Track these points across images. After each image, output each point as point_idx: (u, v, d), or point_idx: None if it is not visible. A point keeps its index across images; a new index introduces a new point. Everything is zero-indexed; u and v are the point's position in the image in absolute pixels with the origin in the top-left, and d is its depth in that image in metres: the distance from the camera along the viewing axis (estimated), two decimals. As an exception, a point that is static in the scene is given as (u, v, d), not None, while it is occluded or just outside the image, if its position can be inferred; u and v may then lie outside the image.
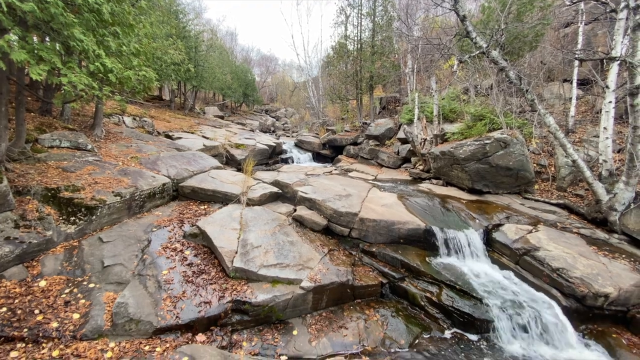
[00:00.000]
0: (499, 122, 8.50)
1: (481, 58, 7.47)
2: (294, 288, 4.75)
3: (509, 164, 7.46)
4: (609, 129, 6.19)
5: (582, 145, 7.83)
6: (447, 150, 8.51)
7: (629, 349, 4.41)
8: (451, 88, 12.88)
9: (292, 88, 43.51)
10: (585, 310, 4.81)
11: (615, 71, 6.11)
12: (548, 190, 7.68)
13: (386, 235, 6.19)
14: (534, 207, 7.17)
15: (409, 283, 5.41)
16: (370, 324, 4.77)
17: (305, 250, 5.50)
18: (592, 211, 6.52)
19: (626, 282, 4.83)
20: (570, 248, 5.52)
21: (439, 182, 9.36)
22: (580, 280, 4.84)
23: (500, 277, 5.50)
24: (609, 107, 6.15)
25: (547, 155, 8.28)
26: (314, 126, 19.55)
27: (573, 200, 7.15)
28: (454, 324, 4.84)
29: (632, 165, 5.73)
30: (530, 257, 5.49)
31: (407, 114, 12.56)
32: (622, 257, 5.46)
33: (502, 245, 5.98)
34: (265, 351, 4.22)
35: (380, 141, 13.78)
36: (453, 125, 10.33)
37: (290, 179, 8.21)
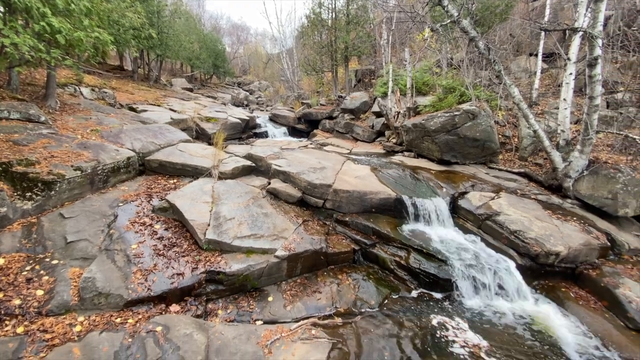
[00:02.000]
0: (468, 95, 8.70)
1: (453, 28, 7.48)
2: (268, 257, 4.82)
3: (476, 135, 7.74)
4: (568, 100, 6.54)
5: (544, 116, 8.24)
6: (418, 122, 8.66)
7: (576, 301, 4.92)
8: (424, 61, 12.91)
9: (265, 60, 41.77)
10: (538, 267, 5.28)
11: (577, 43, 6.37)
12: (511, 160, 8.11)
13: (359, 205, 6.34)
14: (498, 176, 7.58)
15: (380, 249, 5.65)
16: (343, 287, 4.98)
17: (280, 221, 5.54)
18: (549, 178, 6.99)
19: (575, 242, 5.31)
20: (528, 212, 5.95)
21: (411, 155, 9.59)
22: (534, 240, 5.26)
23: (464, 241, 5.86)
24: (570, 79, 6.46)
25: (511, 126, 8.66)
26: (288, 100, 19.08)
27: (533, 169, 7.61)
28: (420, 284, 5.16)
29: (586, 134, 6.13)
30: (492, 222, 5.87)
31: (381, 86, 12.52)
32: (574, 219, 5.96)
33: (466, 212, 6.32)
34: (240, 318, 4.32)
35: (355, 115, 13.75)
36: (425, 98, 10.46)
37: (264, 152, 8.08)
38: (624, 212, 5.96)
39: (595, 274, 5.10)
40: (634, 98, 7.99)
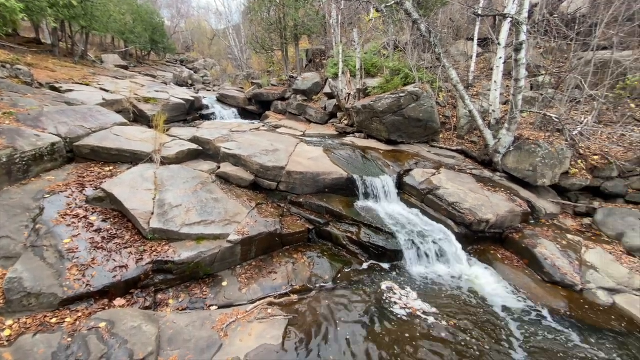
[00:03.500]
0: (413, 77, 9.10)
1: (398, 10, 7.66)
2: (221, 243, 4.72)
3: (419, 115, 8.19)
4: (498, 82, 7.19)
5: (478, 97, 8.98)
6: (367, 104, 8.89)
7: (502, 261, 5.62)
8: (373, 42, 13.12)
9: (210, 36, 39.00)
10: (472, 234, 5.91)
11: (507, 29, 6.95)
12: (450, 139, 8.77)
13: (312, 186, 6.44)
14: (438, 154, 8.18)
15: (333, 227, 5.85)
16: (298, 266, 5.11)
17: (232, 206, 5.42)
18: (482, 154, 7.73)
19: (502, 210, 6.00)
20: (463, 186, 6.55)
21: (362, 135, 9.87)
22: (469, 210, 5.85)
23: (409, 214, 6.31)
24: (499, 63, 7.08)
25: (451, 107, 9.31)
26: (237, 79, 18.20)
27: (469, 146, 8.33)
28: (370, 256, 5.48)
29: (513, 113, 6.83)
30: (433, 196, 6.37)
31: (332, 67, 12.51)
32: (501, 190, 6.71)
33: (411, 187, 6.77)
34: (194, 305, 4.23)
35: (307, 96, 13.63)
36: (374, 80, 10.72)
37: (212, 135, 7.70)
38: (542, 182, 6.84)
39: (518, 236, 5.86)
40: (553, 81, 9.05)
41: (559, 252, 5.38)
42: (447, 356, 3.65)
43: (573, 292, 4.84)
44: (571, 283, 4.90)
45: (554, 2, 10.49)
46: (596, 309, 4.56)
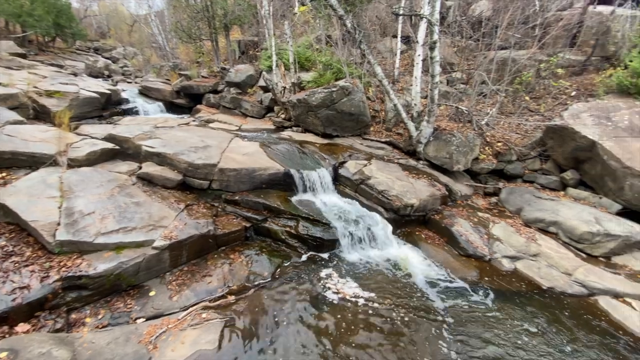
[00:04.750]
0: (344, 72, 9.39)
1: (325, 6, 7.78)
2: (145, 250, 4.36)
3: (351, 109, 8.53)
4: (418, 78, 7.81)
5: (402, 92, 9.67)
6: (302, 98, 8.94)
7: (426, 240, 6.21)
8: (305, 36, 13.16)
9: (130, 22, 35.01)
10: (400, 218, 6.40)
11: (424, 28, 7.56)
12: (380, 131, 9.32)
13: (249, 182, 6.30)
14: (370, 146, 8.64)
15: (271, 222, 5.82)
16: (235, 266, 4.99)
17: (157, 209, 5.03)
18: (407, 145, 8.38)
19: (424, 194, 6.60)
20: (391, 174, 7.04)
21: (299, 129, 9.91)
22: (396, 197, 6.32)
23: (344, 204, 6.58)
24: (419, 60, 7.70)
25: (379, 102, 9.86)
26: (163, 70, 16.69)
27: (396, 138, 8.96)
28: (309, 248, 5.60)
29: (431, 107, 7.50)
30: (365, 185, 6.73)
31: (266, 60, 12.26)
32: (424, 176, 7.36)
33: (345, 179, 7.05)
34: (116, 320, 3.87)
35: (242, 89, 13.16)
36: (308, 74, 10.80)
37: (131, 132, 6.99)
38: (457, 167, 7.67)
39: (439, 217, 6.53)
40: (464, 76, 10.16)
41: (471, 229, 6.14)
42: (381, 332, 3.95)
43: (483, 262, 5.59)
44: (481, 254, 5.65)
45: (464, 5, 11.71)
46: (502, 275, 5.33)
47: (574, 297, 4.74)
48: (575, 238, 5.65)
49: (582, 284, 4.86)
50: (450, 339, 3.96)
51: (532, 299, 4.75)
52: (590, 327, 4.24)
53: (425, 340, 3.92)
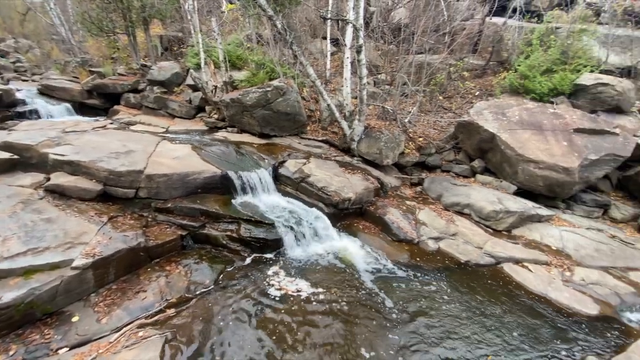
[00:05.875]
0: (277, 72, 9.42)
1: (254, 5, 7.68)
2: (62, 271, 3.85)
3: (287, 109, 8.61)
4: (348, 79, 8.25)
5: (335, 92, 10.10)
6: (236, 97, 8.72)
7: (363, 230, 6.63)
8: (235, 34, 12.80)
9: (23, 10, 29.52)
10: (339, 212, 6.72)
11: (350, 32, 8.00)
12: (317, 130, 9.60)
13: (182, 188, 5.95)
14: (308, 145, 8.85)
15: (210, 228, 5.60)
16: (173, 277, 4.70)
17: (73, 225, 4.45)
18: (342, 143, 8.81)
19: (359, 188, 7.02)
20: (329, 171, 7.34)
21: (234, 130, 9.64)
22: (334, 192, 6.62)
23: (286, 203, 6.66)
24: (347, 62, 8.13)
25: (314, 101, 10.14)
26: (68, 67, 14.49)
27: (331, 136, 9.33)
28: (253, 250, 5.55)
29: (361, 106, 8.00)
30: (305, 183, 6.90)
31: (193, 57, 11.57)
32: (359, 172, 7.82)
33: (286, 178, 7.13)
34: (33, 354, 3.37)
35: (167, 88, 12.22)
36: (241, 73, 10.53)
37: (32, 138, 6.00)
38: (387, 162, 8.34)
39: (373, 208, 7.02)
40: (389, 78, 11.03)
41: (401, 216, 6.76)
42: (325, 320, 4.14)
43: (412, 244, 6.21)
44: (411, 238, 6.26)
45: (386, 12, 12.68)
46: (428, 254, 5.98)
47: (485, 266, 5.60)
48: (483, 217, 6.65)
49: (490, 254, 5.76)
50: (389, 315, 4.35)
51: (454, 272, 5.47)
52: (498, 289, 5.07)
53: (366, 320, 4.24)
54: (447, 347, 3.96)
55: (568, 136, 7.06)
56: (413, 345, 3.93)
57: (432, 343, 3.99)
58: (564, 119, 7.38)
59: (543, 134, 7.18)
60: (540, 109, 7.79)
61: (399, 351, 3.84)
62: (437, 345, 3.97)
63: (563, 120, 7.35)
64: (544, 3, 10.94)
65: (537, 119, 7.52)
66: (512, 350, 3.99)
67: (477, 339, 4.11)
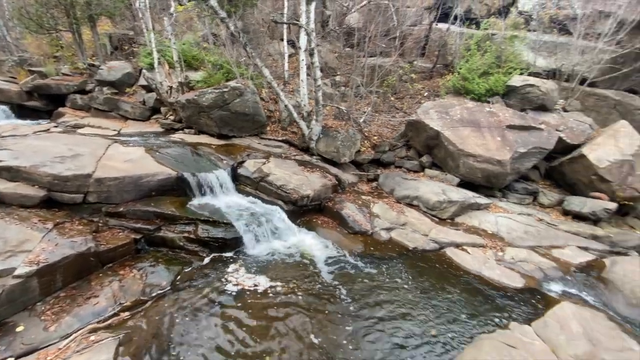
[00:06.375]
0: (235, 72, 9.45)
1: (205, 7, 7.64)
2: (4, 281, 3.69)
3: (245, 110, 8.68)
4: (304, 80, 8.51)
5: (293, 93, 10.32)
6: (192, 98, 8.63)
7: (322, 225, 6.92)
8: (190, 34, 12.56)
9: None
10: (298, 209, 6.95)
11: (304, 35, 8.26)
12: (276, 131, 9.76)
13: (135, 191, 5.85)
14: (268, 145, 8.99)
15: (166, 230, 5.57)
16: (127, 281, 4.65)
17: (14, 233, 4.25)
18: (301, 142, 9.06)
19: (318, 185, 7.29)
20: (289, 170, 7.54)
21: (192, 131, 9.50)
22: (293, 190, 6.84)
23: (246, 203, 6.76)
24: (303, 64, 8.38)
25: (273, 102, 10.28)
26: (4, 66, 13.29)
27: (291, 136, 9.55)
28: (212, 250, 5.60)
29: (318, 107, 8.30)
30: (264, 182, 7.05)
31: (146, 57, 11.22)
32: (317, 170, 8.10)
33: (245, 178, 7.22)
34: (-30, 370, 3.21)
35: (118, 89, 11.68)
36: (197, 73, 10.41)
37: (-38, 144, 5.57)
38: (344, 159, 8.72)
39: (331, 204, 7.34)
40: (344, 80, 11.47)
41: (357, 210, 7.15)
42: (284, 311, 4.36)
43: (367, 236, 6.61)
44: (365, 230, 6.66)
45: (341, 16, 13.14)
46: (381, 244, 6.41)
47: (430, 251, 6.14)
48: (430, 207, 7.24)
49: (435, 241, 6.32)
50: (342, 302, 4.67)
51: (403, 258, 5.94)
52: (441, 271, 5.61)
53: (320, 308, 4.51)
54: (395, 327, 4.33)
55: (501, 132, 7.89)
56: (364, 329, 4.25)
57: (382, 325, 4.34)
58: (498, 116, 8.23)
59: (480, 131, 7.96)
60: (479, 108, 8.61)
61: (349, 335, 4.11)
62: (386, 326, 4.33)
63: (497, 118, 8.19)
64: (481, 11, 12.01)
65: (475, 117, 8.30)
66: (453, 322, 4.48)
67: (423, 317, 4.55)
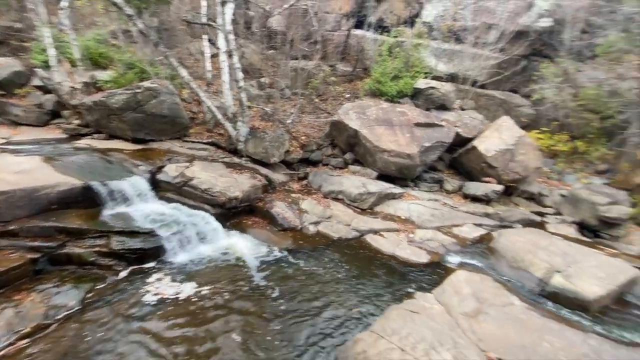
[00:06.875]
0: (149, 72, 8.88)
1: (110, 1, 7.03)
2: None
3: (163, 112, 8.24)
4: (227, 81, 8.43)
5: (218, 94, 10.11)
6: (99, 100, 7.87)
7: (252, 225, 6.99)
8: (98, 29, 11.36)
9: None
10: (227, 211, 6.90)
11: (223, 36, 8.17)
12: (201, 133, 9.45)
13: (29, 206, 5.19)
14: (192, 148, 8.66)
15: (73, 246, 5.07)
16: (25, 306, 4.14)
17: None
18: (229, 144, 8.95)
19: (246, 186, 7.32)
20: (215, 173, 7.41)
21: (102, 136, 8.65)
22: (220, 192, 6.76)
23: (168, 210, 6.46)
24: (224, 65, 8.30)
25: (197, 103, 9.92)
26: None
27: (218, 138, 9.35)
28: (129, 263, 5.27)
29: (242, 108, 8.31)
30: (188, 187, 6.83)
31: (40, 53, 9.82)
32: (246, 171, 8.11)
33: (166, 183, 6.89)
34: None
35: (5, 90, 9.96)
36: (105, 72, 9.49)
37: None
38: (274, 160, 8.88)
39: (261, 204, 7.45)
40: (270, 81, 11.62)
41: (286, 208, 7.39)
42: (207, 314, 4.36)
43: (296, 231, 6.89)
44: (294, 226, 6.94)
45: (264, 17, 13.23)
46: (309, 238, 6.75)
47: (352, 239, 6.70)
48: (352, 199, 7.86)
49: (356, 229, 6.92)
50: (270, 297, 4.85)
51: (329, 248, 6.38)
52: (363, 256, 6.19)
53: (247, 306, 4.62)
54: (320, 312, 4.61)
55: (410, 129, 8.92)
56: (291, 319, 4.42)
57: (308, 312, 4.59)
58: (407, 115, 9.28)
59: (393, 129, 8.88)
60: (391, 108, 9.58)
61: (275, 329, 4.23)
62: (312, 313, 4.59)
63: (407, 117, 9.23)
64: (392, 20, 13.30)
65: (389, 117, 9.22)
66: (371, 297, 5.00)
67: (346, 298, 4.97)
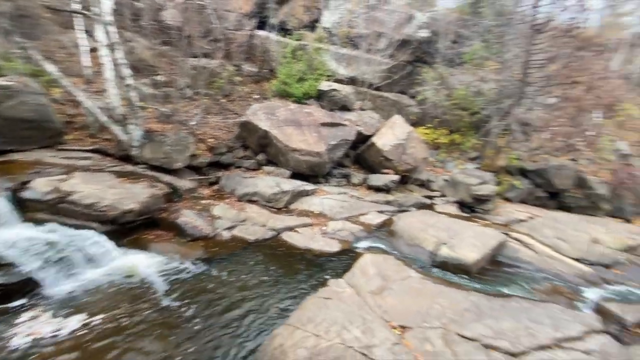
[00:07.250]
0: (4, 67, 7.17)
1: None
2: None
3: (26, 115, 6.74)
4: (110, 78, 7.36)
5: (102, 94, 8.77)
6: None
7: (154, 239, 6.29)
8: None
9: None
10: (121, 227, 6.07)
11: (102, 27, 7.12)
12: (82, 139, 8.05)
13: None
14: (69, 157, 7.30)
15: None
16: None
17: None
18: (119, 150, 7.87)
19: (144, 196, 6.54)
20: (102, 184, 6.42)
21: None
22: (109, 207, 5.90)
23: (40, 234, 5.31)
24: (105, 60, 7.23)
25: (74, 104, 8.41)
26: None
27: (105, 144, 8.12)
28: (-17, 305, 4.18)
29: (133, 109, 7.40)
30: (66, 203, 5.76)
31: None
32: (144, 180, 7.26)
33: (35, 202, 5.67)
34: None
35: None
36: None
37: None
38: (177, 165, 8.18)
39: (165, 215, 6.78)
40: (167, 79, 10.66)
41: (196, 216, 6.90)
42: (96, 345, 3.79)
43: (208, 239, 6.49)
44: (206, 234, 6.53)
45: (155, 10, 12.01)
46: (223, 244, 6.44)
47: (269, 239, 6.68)
48: (267, 200, 7.85)
49: (272, 229, 6.93)
50: (177, 313, 4.47)
51: (246, 251, 6.24)
52: (280, 253, 6.24)
53: (160, 333, 4.14)
54: (241, 320, 4.42)
55: (317, 129, 9.36)
56: (208, 336, 4.11)
57: (228, 324, 4.32)
58: (314, 116, 9.71)
59: (301, 129, 9.18)
60: (299, 109, 9.89)
61: (188, 352, 3.87)
62: (233, 323, 4.35)
63: (313, 117, 9.66)
64: (294, 23, 13.69)
65: (297, 117, 9.50)
66: (291, 292, 5.08)
67: (267, 298, 4.91)
